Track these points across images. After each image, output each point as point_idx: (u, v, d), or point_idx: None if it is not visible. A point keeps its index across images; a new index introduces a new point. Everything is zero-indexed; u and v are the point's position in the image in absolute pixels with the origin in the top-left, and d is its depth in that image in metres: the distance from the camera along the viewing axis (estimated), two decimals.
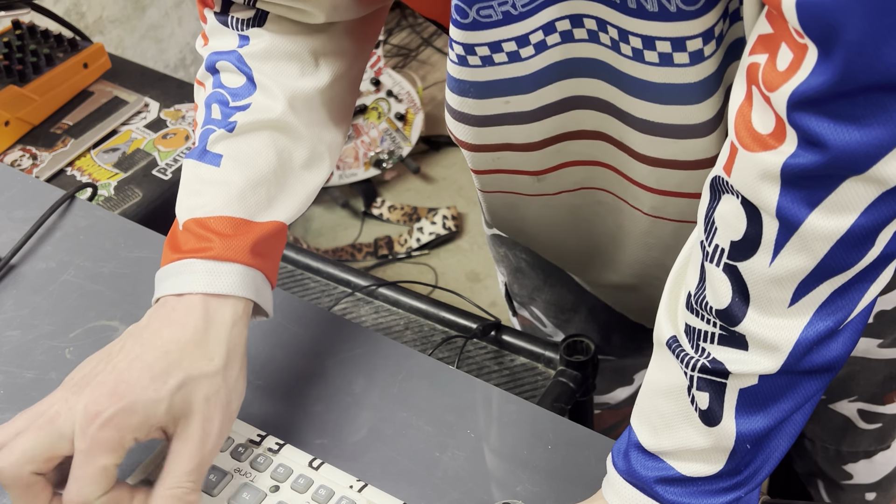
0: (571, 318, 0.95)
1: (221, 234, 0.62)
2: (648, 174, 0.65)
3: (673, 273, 0.56)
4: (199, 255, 0.62)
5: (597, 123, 0.64)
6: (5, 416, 0.72)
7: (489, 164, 0.70)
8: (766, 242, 0.47)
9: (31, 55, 1.33)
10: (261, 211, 0.65)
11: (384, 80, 2.11)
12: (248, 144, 0.66)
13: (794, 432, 0.54)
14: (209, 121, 0.67)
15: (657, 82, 0.57)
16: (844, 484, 1.04)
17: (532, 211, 0.77)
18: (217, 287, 0.61)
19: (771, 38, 0.44)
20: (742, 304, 0.49)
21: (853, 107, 0.41)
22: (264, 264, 0.64)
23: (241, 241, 0.62)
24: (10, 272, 0.84)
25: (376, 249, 2.11)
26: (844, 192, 0.44)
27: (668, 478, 0.54)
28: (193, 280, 0.61)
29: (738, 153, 0.47)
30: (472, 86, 0.62)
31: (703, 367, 0.51)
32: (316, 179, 0.70)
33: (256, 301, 0.63)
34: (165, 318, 0.60)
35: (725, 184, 0.48)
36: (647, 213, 0.69)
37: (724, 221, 0.49)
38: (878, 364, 0.87)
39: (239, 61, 0.68)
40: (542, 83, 0.61)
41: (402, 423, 0.70)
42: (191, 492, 0.58)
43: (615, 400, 1.07)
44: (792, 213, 0.45)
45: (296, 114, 0.68)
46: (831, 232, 0.45)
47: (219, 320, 0.61)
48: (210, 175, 0.65)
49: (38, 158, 1.27)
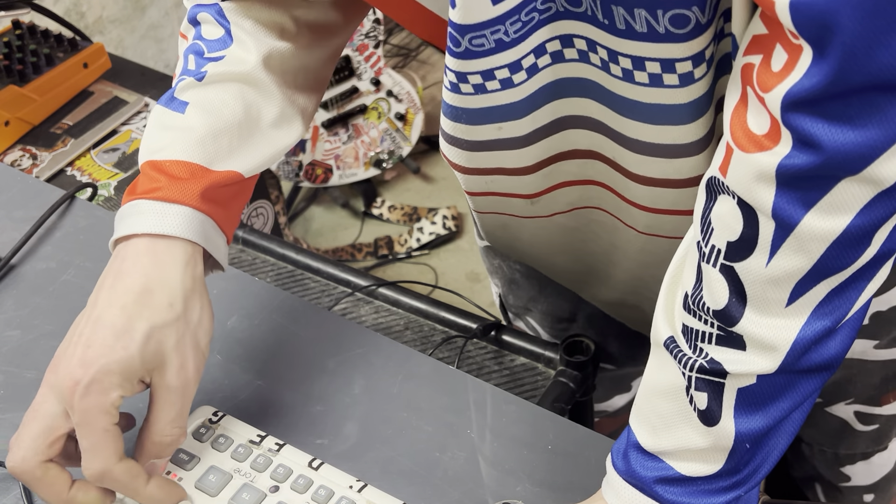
0: (568, 328, 0.95)
1: (174, 176, 0.62)
2: (643, 193, 0.64)
3: (669, 273, 0.56)
4: (148, 195, 0.61)
5: (590, 142, 0.64)
6: (5, 416, 0.72)
7: (482, 187, 0.70)
8: (762, 243, 0.47)
9: (31, 55, 1.33)
10: (219, 159, 0.64)
11: (384, 80, 2.11)
12: (216, 94, 0.66)
13: (793, 431, 0.54)
14: (184, 71, 0.67)
15: (647, 102, 0.56)
16: (842, 486, 1.04)
17: (526, 232, 0.77)
18: (162, 227, 0.60)
19: (765, 38, 0.44)
20: (739, 304, 0.49)
21: (847, 107, 0.41)
22: (216, 211, 0.63)
23: (192, 185, 0.62)
24: (10, 272, 0.84)
25: (376, 249, 2.11)
26: (840, 193, 0.43)
27: (668, 478, 0.54)
28: (140, 221, 0.61)
29: (733, 154, 0.47)
30: (464, 112, 0.61)
31: (702, 367, 0.51)
32: (284, 139, 0.69)
33: (205, 247, 0.62)
34: (117, 270, 0.61)
35: (721, 184, 0.48)
36: (642, 232, 0.69)
37: (720, 222, 0.49)
38: (875, 366, 0.87)
39: (219, 14, 0.68)
40: (535, 106, 0.60)
41: (402, 423, 0.70)
42: (178, 437, 0.60)
43: (613, 407, 1.07)
44: (788, 213, 0.45)
45: (270, 71, 0.68)
46: (827, 232, 0.45)
47: (169, 262, 0.60)
48: (173, 121, 0.65)
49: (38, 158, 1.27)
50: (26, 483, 0.58)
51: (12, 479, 0.67)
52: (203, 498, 0.64)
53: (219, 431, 0.68)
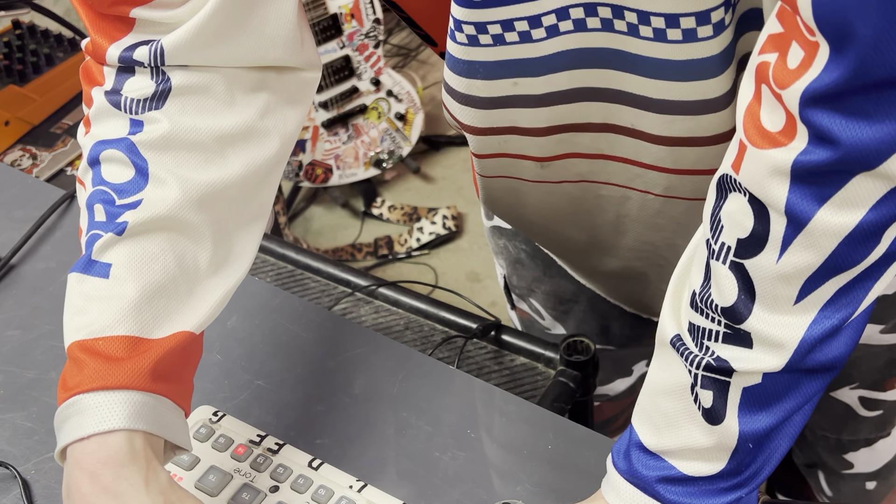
0: (571, 309, 0.95)
1: (112, 357, 0.54)
2: (666, 155, 0.65)
3: (676, 273, 0.56)
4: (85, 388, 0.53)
5: (605, 115, 0.64)
6: (5, 416, 0.72)
7: (493, 148, 0.68)
8: (773, 239, 0.47)
9: (31, 55, 1.33)
10: (160, 325, 0.57)
11: (384, 80, 2.11)
12: (142, 248, 0.57)
13: (794, 433, 0.54)
14: (93, 225, 0.58)
15: (679, 60, 0.56)
16: (845, 473, 1.04)
17: (533, 198, 0.76)
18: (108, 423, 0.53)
19: (781, 37, 0.45)
20: (748, 301, 0.49)
21: (865, 103, 0.41)
22: (170, 388, 0.56)
23: (135, 363, 0.54)
24: (10, 272, 0.84)
25: (376, 249, 2.11)
26: (854, 188, 0.44)
27: (670, 477, 0.55)
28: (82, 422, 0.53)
29: (746, 150, 0.47)
30: (482, 66, 0.60)
31: (708, 365, 0.52)
32: (226, 284, 0.61)
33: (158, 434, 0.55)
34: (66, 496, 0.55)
35: (733, 181, 0.49)
36: (660, 195, 0.69)
37: (730, 219, 0.49)
38: (880, 349, 0.87)
39: (130, 150, 0.59)
40: (552, 69, 0.60)
41: (402, 423, 0.70)
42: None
43: (614, 391, 1.07)
44: (801, 209, 0.45)
45: (199, 210, 0.59)
46: (840, 228, 0.45)
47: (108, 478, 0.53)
48: (97, 290, 0.56)
49: (38, 158, 1.27)
50: None
51: (12, 479, 0.67)
52: (203, 498, 0.64)
53: (219, 431, 0.68)
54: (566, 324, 0.98)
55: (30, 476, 0.68)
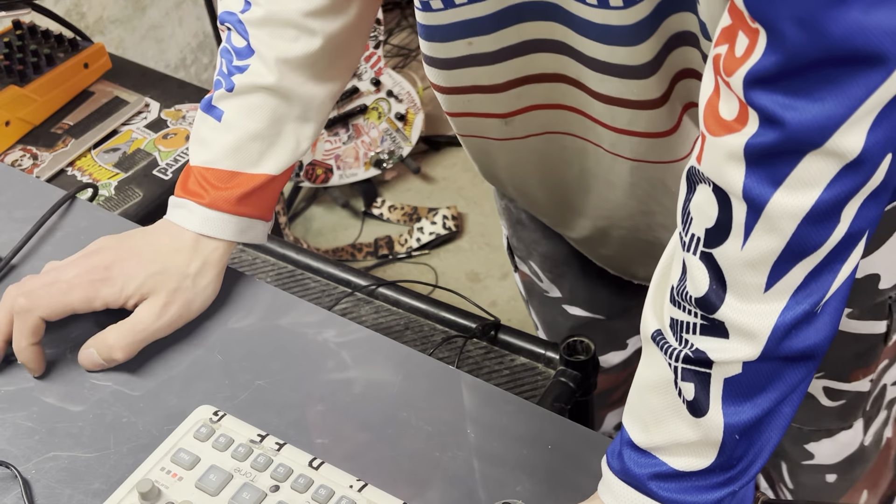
0: (565, 273, 0.99)
1: (215, 186, 0.76)
2: (604, 111, 0.69)
3: (658, 270, 0.57)
4: (196, 199, 0.76)
5: (555, 66, 0.69)
6: (6, 416, 0.72)
7: (461, 107, 0.77)
8: (736, 226, 0.48)
9: (31, 55, 1.33)
10: (251, 164, 0.77)
11: (384, 81, 2.11)
12: (246, 103, 0.76)
13: (784, 424, 0.54)
14: (220, 72, 0.78)
15: (598, 23, 0.62)
16: (805, 464, 1.04)
17: (503, 158, 0.81)
18: (205, 230, 0.76)
19: (730, 28, 0.46)
20: (719, 290, 0.50)
21: (805, 82, 0.43)
22: (252, 210, 0.78)
23: (230, 193, 0.76)
24: (10, 272, 0.84)
25: (376, 249, 2.11)
26: (806, 168, 0.45)
27: (661, 473, 0.55)
28: (190, 219, 0.76)
29: (706, 141, 0.49)
30: (437, 30, 0.69)
31: (687, 357, 0.52)
32: (307, 132, 0.79)
33: (238, 240, 0.78)
34: (166, 232, 0.77)
35: (698, 173, 0.50)
36: (608, 150, 0.73)
37: (698, 210, 0.50)
38: (847, 338, 0.87)
39: (238, 25, 0.76)
40: (501, 25, 0.66)
41: (402, 423, 0.70)
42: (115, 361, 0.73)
43: (609, 364, 1.08)
44: (758, 192, 0.46)
45: (290, 76, 0.76)
46: (797, 209, 0.46)
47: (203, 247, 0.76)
48: (211, 130, 0.77)
49: (38, 158, 1.27)
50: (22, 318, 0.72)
51: (12, 479, 0.67)
52: (203, 497, 0.64)
53: (219, 431, 0.68)
54: (561, 287, 1.01)
55: (30, 476, 0.68)
